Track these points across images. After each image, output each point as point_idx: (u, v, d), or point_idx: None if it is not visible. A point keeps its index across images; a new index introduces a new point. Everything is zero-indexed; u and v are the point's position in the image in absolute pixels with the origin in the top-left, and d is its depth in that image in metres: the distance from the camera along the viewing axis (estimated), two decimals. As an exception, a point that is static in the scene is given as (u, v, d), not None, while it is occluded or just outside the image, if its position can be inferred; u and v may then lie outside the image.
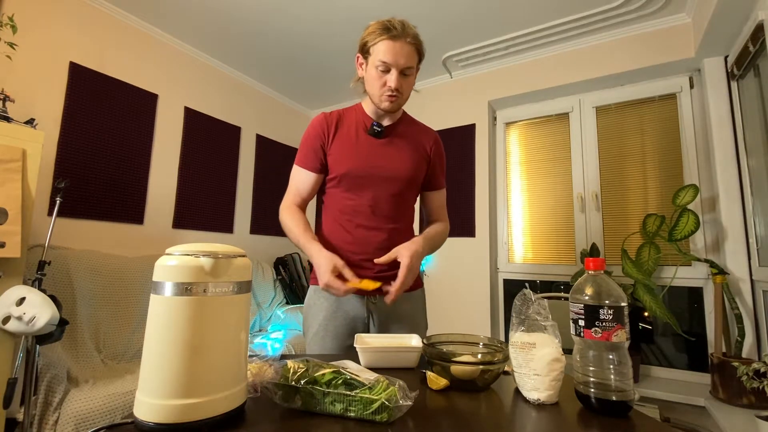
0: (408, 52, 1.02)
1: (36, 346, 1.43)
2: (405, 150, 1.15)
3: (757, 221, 1.94)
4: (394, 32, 1.01)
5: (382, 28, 1.02)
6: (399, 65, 1.02)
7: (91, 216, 2.23)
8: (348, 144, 1.12)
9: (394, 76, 1.03)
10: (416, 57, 1.06)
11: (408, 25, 1.04)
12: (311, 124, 1.15)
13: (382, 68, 1.03)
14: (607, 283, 0.66)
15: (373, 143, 1.13)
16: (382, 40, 1.02)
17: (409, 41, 1.02)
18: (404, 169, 1.13)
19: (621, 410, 0.62)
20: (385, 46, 1.02)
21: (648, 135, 2.44)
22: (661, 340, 2.30)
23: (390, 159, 1.12)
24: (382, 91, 1.05)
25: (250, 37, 2.66)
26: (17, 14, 1.75)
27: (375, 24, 1.05)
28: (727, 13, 1.78)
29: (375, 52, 1.04)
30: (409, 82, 1.08)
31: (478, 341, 0.88)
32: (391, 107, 1.08)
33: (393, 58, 1.01)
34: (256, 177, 3.29)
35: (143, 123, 2.51)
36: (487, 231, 2.76)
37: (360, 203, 1.11)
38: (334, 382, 0.59)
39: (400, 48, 1.01)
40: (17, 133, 1.57)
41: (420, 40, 1.06)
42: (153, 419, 0.51)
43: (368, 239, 1.10)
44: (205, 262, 0.56)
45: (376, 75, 1.05)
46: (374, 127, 1.12)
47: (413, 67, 1.06)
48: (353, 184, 1.11)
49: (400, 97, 1.07)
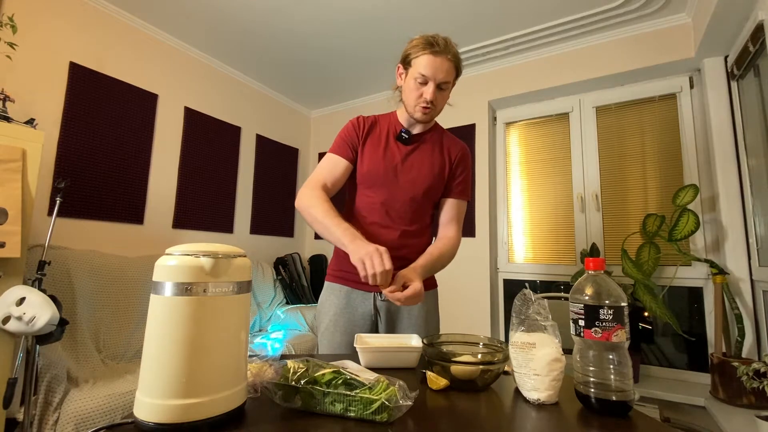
0: (447, 68, 1.07)
1: (36, 346, 1.43)
2: (428, 158, 1.18)
3: (757, 221, 1.94)
4: (437, 48, 1.05)
5: (426, 43, 1.06)
6: (437, 79, 1.06)
7: (91, 216, 2.23)
8: (376, 146, 1.18)
9: (431, 89, 1.07)
10: (454, 73, 1.10)
11: (450, 43, 1.08)
12: (348, 123, 1.21)
13: (420, 80, 1.08)
14: (607, 283, 0.66)
15: (399, 149, 1.18)
16: (425, 54, 1.06)
17: (449, 58, 1.06)
18: (423, 176, 1.16)
19: (621, 410, 0.62)
20: (426, 60, 1.06)
21: (648, 135, 2.44)
22: (661, 340, 2.30)
23: (411, 166, 1.17)
24: (418, 102, 1.09)
25: (250, 38, 2.66)
26: (17, 14, 1.75)
27: (419, 38, 1.08)
28: (727, 13, 1.78)
29: (416, 65, 1.08)
30: (444, 96, 1.13)
31: (478, 341, 0.88)
32: (424, 118, 1.12)
33: (432, 72, 1.06)
34: (256, 177, 3.29)
35: (143, 123, 2.51)
36: (487, 231, 2.76)
37: (375, 201, 1.16)
38: (334, 382, 0.59)
39: (440, 63, 1.05)
40: (17, 133, 1.57)
41: (459, 58, 1.11)
42: (153, 419, 0.51)
43: (380, 237, 1.12)
44: (205, 262, 0.56)
45: (414, 86, 1.09)
46: (402, 134, 1.17)
47: (450, 83, 1.10)
48: (372, 183, 1.16)
49: (434, 110, 1.11)
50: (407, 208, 1.16)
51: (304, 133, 3.87)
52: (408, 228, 1.16)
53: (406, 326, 1.15)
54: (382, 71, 3.04)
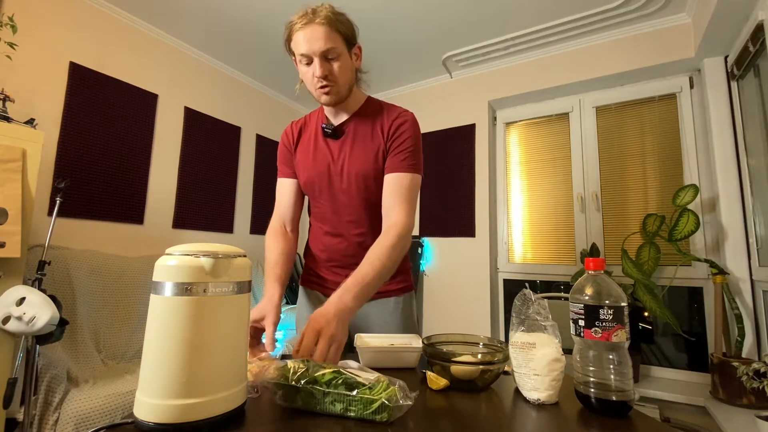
0: (322, 33, 0.89)
1: (36, 346, 1.43)
2: (359, 146, 1.02)
3: (757, 221, 1.94)
4: (305, 19, 0.90)
5: (296, 19, 0.92)
6: (316, 50, 0.90)
7: (91, 216, 2.23)
8: (306, 151, 1.07)
9: (317, 63, 0.91)
10: (337, 36, 0.92)
11: (323, 6, 0.92)
12: (281, 137, 1.13)
13: (305, 61, 0.93)
14: (607, 283, 0.66)
15: (329, 146, 1.05)
16: (296, 31, 0.91)
17: (319, 22, 0.89)
18: (356, 168, 1.01)
19: (621, 410, 0.62)
20: (299, 38, 0.91)
21: (648, 135, 2.44)
22: (661, 340, 2.30)
23: (343, 160, 1.03)
24: (314, 84, 0.95)
25: (250, 37, 2.66)
26: (17, 14, 1.75)
27: (291, 18, 0.94)
28: (727, 13, 1.78)
29: (295, 47, 0.94)
30: (343, 66, 0.94)
31: (478, 341, 0.88)
32: (330, 99, 0.97)
33: (308, 46, 0.90)
34: (256, 177, 3.29)
35: (143, 123, 2.51)
36: (487, 231, 2.76)
37: (324, 210, 1.07)
38: (334, 382, 0.59)
39: (311, 33, 0.90)
40: (17, 133, 1.57)
41: (336, 17, 0.92)
42: (153, 419, 0.51)
43: (334, 246, 1.07)
44: (205, 262, 0.56)
45: (304, 71, 0.95)
46: (324, 129, 1.04)
47: (337, 47, 0.92)
48: (314, 191, 1.07)
49: (335, 84, 0.95)
50: (352, 209, 1.03)
51: (304, 133, 3.86)
52: (359, 231, 1.04)
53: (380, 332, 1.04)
54: (382, 72, 3.04)
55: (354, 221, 1.04)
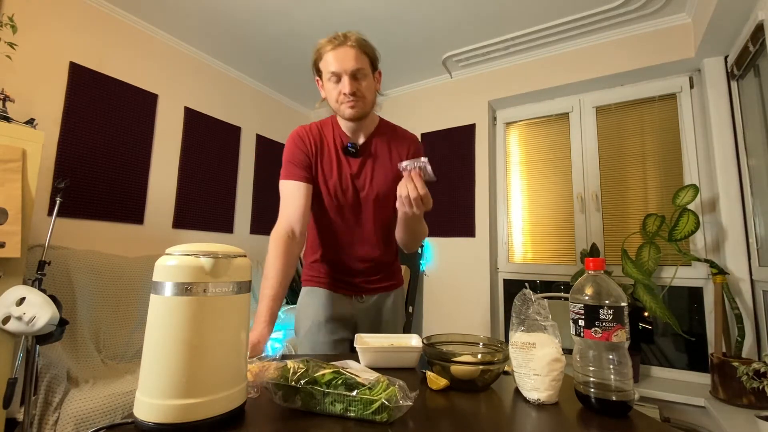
0: (354, 55, 1.02)
1: (36, 346, 1.43)
2: (379, 167, 1.13)
3: (757, 221, 1.94)
4: (336, 42, 1.02)
5: (326, 42, 1.04)
6: (347, 70, 1.02)
7: (91, 216, 2.23)
8: (331, 164, 1.12)
9: (346, 81, 1.02)
10: (365, 58, 1.05)
11: (350, 32, 1.04)
12: (292, 138, 1.13)
13: (334, 80, 1.04)
14: (607, 283, 0.66)
15: (349, 163, 1.12)
16: (326, 53, 1.03)
17: (351, 45, 1.02)
18: (377, 188, 1.12)
19: (621, 410, 0.62)
20: (329, 57, 1.03)
21: (648, 135, 2.44)
22: (661, 340, 2.30)
23: (365, 179, 1.12)
24: (340, 99, 1.04)
25: (250, 38, 2.66)
26: (17, 14, 1.75)
27: (320, 41, 1.06)
28: (727, 13, 1.78)
29: (324, 67, 1.05)
30: (368, 86, 1.07)
31: (478, 341, 0.88)
32: (354, 112, 1.05)
33: (339, 64, 1.02)
34: (256, 177, 3.29)
35: (143, 123, 2.51)
36: (487, 231, 2.76)
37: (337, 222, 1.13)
38: (334, 382, 0.59)
39: (343, 53, 1.02)
40: (17, 133, 1.57)
41: (365, 42, 1.06)
42: (153, 419, 0.51)
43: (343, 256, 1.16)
44: (205, 262, 0.56)
45: (331, 87, 1.05)
46: (349, 149, 1.11)
47: (364, 69, 1.04)
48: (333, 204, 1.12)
49: (362, 100, 1.05)
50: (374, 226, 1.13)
51: (304, 133, 3.86)
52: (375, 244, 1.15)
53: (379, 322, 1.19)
54: (382, 71, 3.03)
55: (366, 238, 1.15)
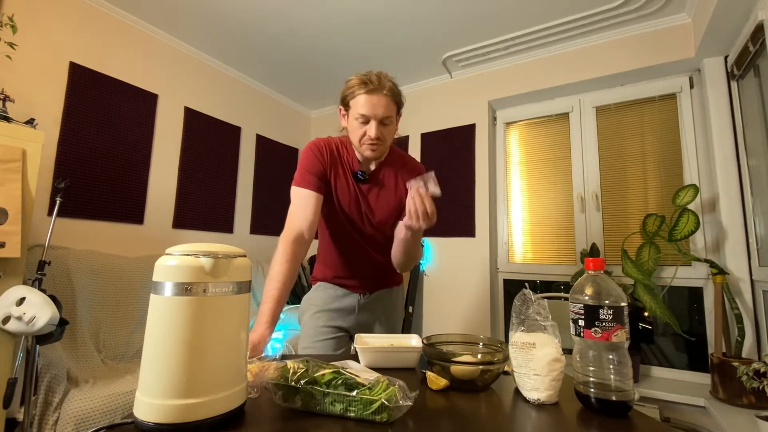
0: (385, 104, 1.06)
1: (36, 346, 1.43)
2: (384, 195, 1.20)
3: (757, 221, 1.94)
4: (371, 86, 1.05)
5: (360, 83, 1.06)
6: (377, 117, 1.06)
7: (91, 216, 2.23)
8: (344, 185, 1.18)
9: (374, 126, 1.06)
10: (394, 107, 1.09)
11: (385, 77, 1.08)
12: (311, 149, 1.16)
13: (361, 120, 1.07)
14: (607, 283, 0.66)
15: (359, 187, 1.19)
16: (360, 94, 1.06)
17: (385, 93, 1.06)
18: (381, 215, 1.20)
19: (621, 410, 0.62)
20: (362, 100, 1.05)
21: (648, 135, 2.44)
22: (661, 340, 2.30)
23: (372, 204, 1.20)
24: (364, 141, 1.09)
25: (250, 38, 2.66)
26: (17, 14, 1.75)
27: (354, 78, 1.08)
28: (727, 13, 1.78)
29: (354, 106, 1.08)
30: (390, 130, 1.12)
31: (478, 341, 0.88)
32: (373, 155, 1.11)
33: (371, 110, 1.05)
34: (256, 177, 3.29)
35: (143, 123, 2.51)
36: (487, 231, 2.76)
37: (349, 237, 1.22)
38: (333, 382, 0.59)
39: (377, 101, 1.05)
40: (17, 133, 1.57)
41: (397, 90, 1.10)
42: (153, 419, 0.51)
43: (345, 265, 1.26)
44: (205, 262, 0.56)
45: (356, 126, 1.08)
46: (359, 176, 1.18)
47: (391, 117, 1.09)
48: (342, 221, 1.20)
49: (382, 145, 1.10)
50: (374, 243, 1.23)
51: (304, 133, 3.87)
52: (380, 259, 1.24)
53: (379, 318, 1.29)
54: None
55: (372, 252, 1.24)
